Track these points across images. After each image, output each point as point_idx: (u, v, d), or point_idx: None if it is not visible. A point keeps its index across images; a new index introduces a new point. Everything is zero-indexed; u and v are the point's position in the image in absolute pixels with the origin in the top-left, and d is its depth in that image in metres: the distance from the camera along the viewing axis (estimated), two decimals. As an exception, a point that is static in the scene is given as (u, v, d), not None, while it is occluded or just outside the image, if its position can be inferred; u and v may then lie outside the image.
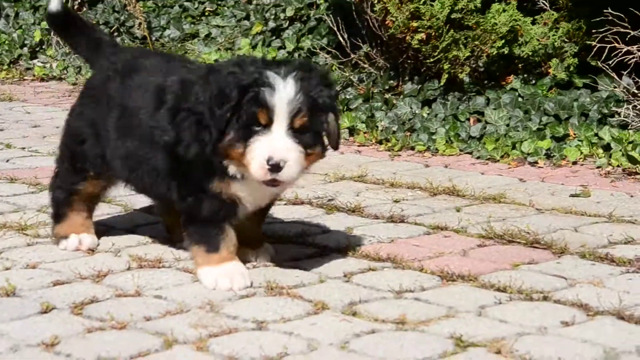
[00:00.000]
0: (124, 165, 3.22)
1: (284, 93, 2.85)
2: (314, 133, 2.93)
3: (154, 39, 7.43)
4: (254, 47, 6.83)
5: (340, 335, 2.66)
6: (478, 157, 4.76)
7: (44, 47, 7.58)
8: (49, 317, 2.78)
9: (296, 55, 6.60)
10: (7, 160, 4.66)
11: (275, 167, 2.85)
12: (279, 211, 3.81)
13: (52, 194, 3.45)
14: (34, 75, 7.09)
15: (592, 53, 4.95)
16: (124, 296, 2.94)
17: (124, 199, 4.01)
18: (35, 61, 7.41)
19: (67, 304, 2.86)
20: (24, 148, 4.91)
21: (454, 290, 3.01)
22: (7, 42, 7.55)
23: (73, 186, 3.38)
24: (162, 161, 3.09)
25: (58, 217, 3.43)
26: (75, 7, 7.75)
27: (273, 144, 2.86)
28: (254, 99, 2.85)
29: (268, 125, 2.86)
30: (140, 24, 7.46)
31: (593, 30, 4.98)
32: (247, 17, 7.26)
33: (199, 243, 3.08)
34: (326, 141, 3.03)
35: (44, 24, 7.70)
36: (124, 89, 3.23)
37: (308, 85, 2.90)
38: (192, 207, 3.06)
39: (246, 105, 2.86)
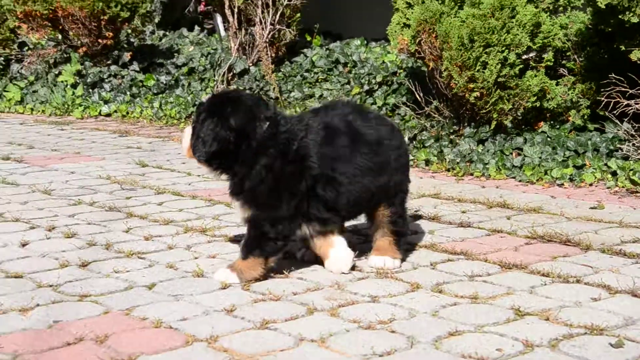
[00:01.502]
0: None
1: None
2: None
3: (283, 98, 7.53)
4: (353, 103, 6.85)
5: (431, 306, 2.68)
6: (520, 181, 4.70)
7: (207, 105, 7.74)
8: (227, 291, 2.84)
9: (384, 108, 6.61)
10: (189, 184, 4.76)
11: None
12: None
13: None
14: (201, 125, 7.24)
15: (601, 106, 4.87)
16: (277, 277, 2.99)
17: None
18: (202, 115, 7.57)
19: (239, 282, 2.91)
20: (199, 175, 5.01)
21: (510, 275, 3.00)
22: (183, 103, 7.74)
23: None
24: None
25: None
26: (229, 77, 7.91)
27: None
28: None
29: None
30: (274, 88, 7.57)
31: (601, 90, 4.89)
32: (348, 82, 7.30)
33: None
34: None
35: (208, 90, 7.89)
36: None
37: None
38: None
39: None
